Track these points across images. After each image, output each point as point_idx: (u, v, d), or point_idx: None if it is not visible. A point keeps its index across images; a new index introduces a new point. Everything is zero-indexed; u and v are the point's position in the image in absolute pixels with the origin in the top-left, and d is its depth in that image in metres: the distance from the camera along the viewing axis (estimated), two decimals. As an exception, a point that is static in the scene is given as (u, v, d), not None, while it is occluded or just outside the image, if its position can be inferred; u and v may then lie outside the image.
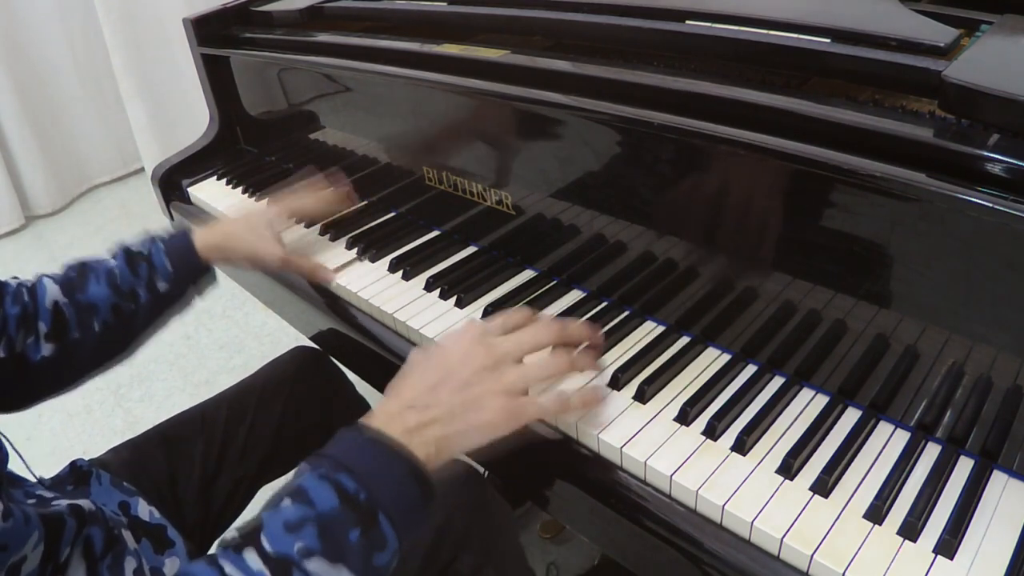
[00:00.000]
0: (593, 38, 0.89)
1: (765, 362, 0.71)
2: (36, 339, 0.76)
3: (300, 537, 0.49)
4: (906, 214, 0.56)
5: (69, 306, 0.78)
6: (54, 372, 0.78)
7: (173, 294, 0.85)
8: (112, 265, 0.82)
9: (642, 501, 0.61)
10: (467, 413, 0.58)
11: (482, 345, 0.61)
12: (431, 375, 0.60)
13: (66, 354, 0.78)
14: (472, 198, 0.92)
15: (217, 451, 0.92)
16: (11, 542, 0.49)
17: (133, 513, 0.72)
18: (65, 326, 0.78)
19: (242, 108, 1.29)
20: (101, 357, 0.83)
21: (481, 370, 0.59)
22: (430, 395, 0.58)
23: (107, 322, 0.80)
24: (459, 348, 0.61)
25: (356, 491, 0.51)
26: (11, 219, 2.73)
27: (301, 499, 0.51)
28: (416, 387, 0.59)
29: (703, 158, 0.67)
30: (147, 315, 0.84)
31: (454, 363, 0.60)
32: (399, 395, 0.59)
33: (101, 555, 0.59)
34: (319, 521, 0.50)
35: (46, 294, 0.77)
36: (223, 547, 0.50)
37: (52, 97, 2.79)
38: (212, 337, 2.07)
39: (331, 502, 0.51)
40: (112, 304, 0.80)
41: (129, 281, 0.82)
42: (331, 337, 0.97)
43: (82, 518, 0.58)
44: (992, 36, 0.66)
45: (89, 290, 0.79)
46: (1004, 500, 0.56)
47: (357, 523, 0.50)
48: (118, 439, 0.91)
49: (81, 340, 0.78)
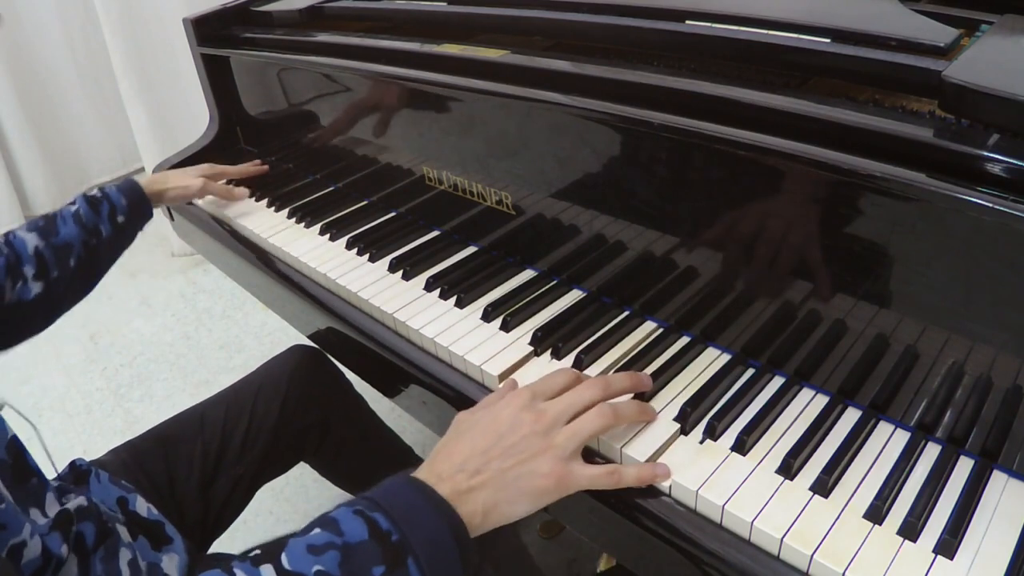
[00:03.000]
0: (593, 38, 0.89)
1: (765, 362, 0.71)
2: (25, 282, 0.86)
3: (320, 561, 0.49)
4: (906, 214, 0.56)
5: (47, 248, 0.88)
6: (42, 309, 0.89)
7: (128, 227, 0.99)
8: (75, 208, 0.94)
9: (642, 501, 0.61)
10: (518, 480, 0.57)
11: (531, 411, 0.60)
12: (482, 440, 0.58)
13: (50, 291, 0.88)
14: (472, 198, 0.92)
15: (216, 450, 0.92)
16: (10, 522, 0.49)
17: (131, 509, 0.72)
18: (46, 266, 0.88)
19: (242, 108, 1.29)
20: (74, 290, 0.93)
21: (531, 436, 0.58)
22: (481, 459, 0.57)
23: (80, 257, 0.91)
24: (509, 413, 0.60)
25: (389, 530, 0.51)
26: (11, 219, 2.72)
27: (330, 527, 0.51)
28: (467, 450, 0.58)
29: (703, 158, 0.67)
30: (108, 248, 0.97)
31: (504, 428, 0.59)
32: (450, 457, 0.58)
33: (93, 548, 0.59)
34: (344, 549, 0.49)
35: (25, 243, 0.87)
36: (242, 559, 0.50)
37: (52, 97, 2.79)
38: (212, 337, 2.07)
39: (360, 535, 0.50)
40: (82, 241, 0.92)
41: (93, 219, 0.94)
42: (330, 336, 0.97)
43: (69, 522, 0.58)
44: (992, 36, 0.66)
45: (61, 232, 0.91)
46: (1004, 500, 0.56)
47: (383, 561, 0.50)
48: (118, 439, 0.91)
49: (60, 277, 0.89)
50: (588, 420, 0.61)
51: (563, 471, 0.58)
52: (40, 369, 2.03)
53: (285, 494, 1.55)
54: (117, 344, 2.10)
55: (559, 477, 0.57)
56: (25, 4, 2.63)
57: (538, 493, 0.57)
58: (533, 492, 0.57)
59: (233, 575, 0.48)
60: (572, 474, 0.58)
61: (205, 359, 1.99)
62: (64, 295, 0.91)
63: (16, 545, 0.50)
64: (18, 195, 2.76)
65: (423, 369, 0.81)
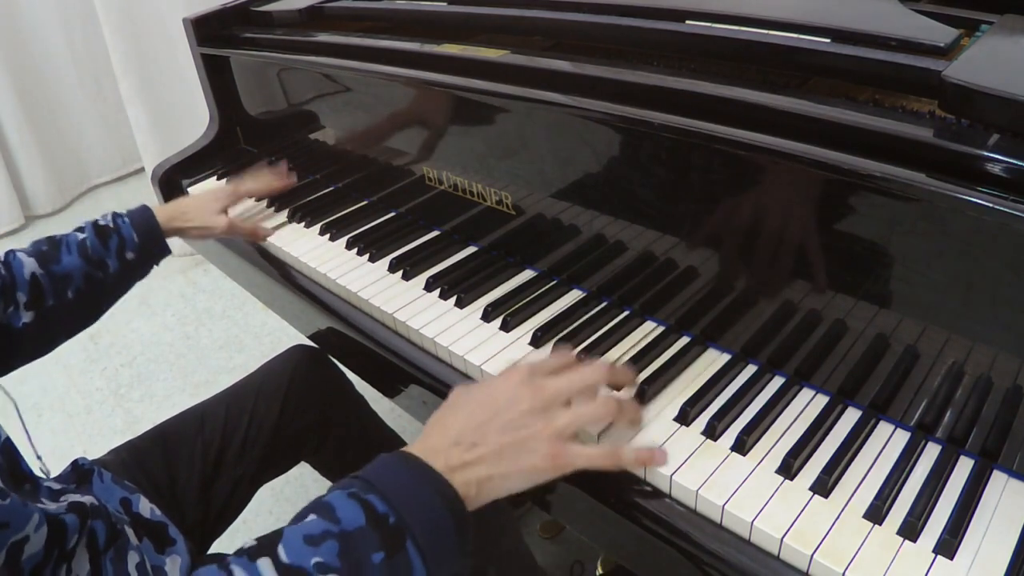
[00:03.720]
0: (593, 38, 0.89)
1: (765, 362, 0.71)
2: (16, 308, 0.82)
3: (319, 552, 0.48)
4: (906, 214, 0.56)
5: (45, 276, 0.84)
6: (32, 338, 0.84)
7: (139, 263, 0.93)
8: (82, 237, 0.89)
9: (642, 501, 0.61)
10: (513, 456, 0.55)
11: (530, 387, 0.59)
12: (478, 413, 0.57)
13: (43, 321, 0.84)
14: (472, 198, 0.92)
15: (216, 450, 0.92)
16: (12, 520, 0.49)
17: (135, 510, 0.72)
18: (42, 295, 0.84)
19: (242, 108, 1.29)
20: (72, 322, 0.89)
21: (529, 412, 0.57)
22: (476, 433, 0.56)
23: (79, 289, 0.86)
24: (506, 388, 0.59)
25: (386, 513, 0.50)
26: (11, 219, 2.73)
27: (326, 515, 0.50)
28: (462, 424, 0.57)
29: (703, 158, 0.67)
30: (115, 283, 0.91)
31: (502, 403, 0.58)
32: (444, 430, 0.57)
33: (104, 548, 0.59)
34: (341, 537, 0.49)
35: (23, 267, 0.83)
36: (238, 553, 0.49)
37: (52, 97, 2.79)
38: (212, 337, 2.07)
39: (357, 521, 0.49)
40: (84, 273, 0.87)
41: (100, 252, 0.89)
42: (330, 336, 0.97)
43: (84, 512, 0.58)
44: (992, 36, 0.66)
45: (63, 261, 0.86)
46: (1004, 500, 0.56)
47: (382, 546, 0.49)
48: (118, 439, 0.91)
49: (55, 307, 0.84)
50: (590, 405, 0.60)
51: (560, 450, 0.56)
52: (40, 369, 2.03)
53: (285, 494, 1.55)
54: (117, 344, 2.10)
55: (556, 455, 0.56)
56: (25, 4, 2.63)
57: (534, 471, 0.56)
58: (529, 469, 0.56)
59: (231, 572, 0.48)
60: (569, 453, 0.57)
61: (205, 359, 1.99)
62: (60, 325, 0.87)
63: (17, 542, 0.50)
64: (18, 195, 2.76)
65: (423, 369, 0.81)
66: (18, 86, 2.67)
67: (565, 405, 0.59)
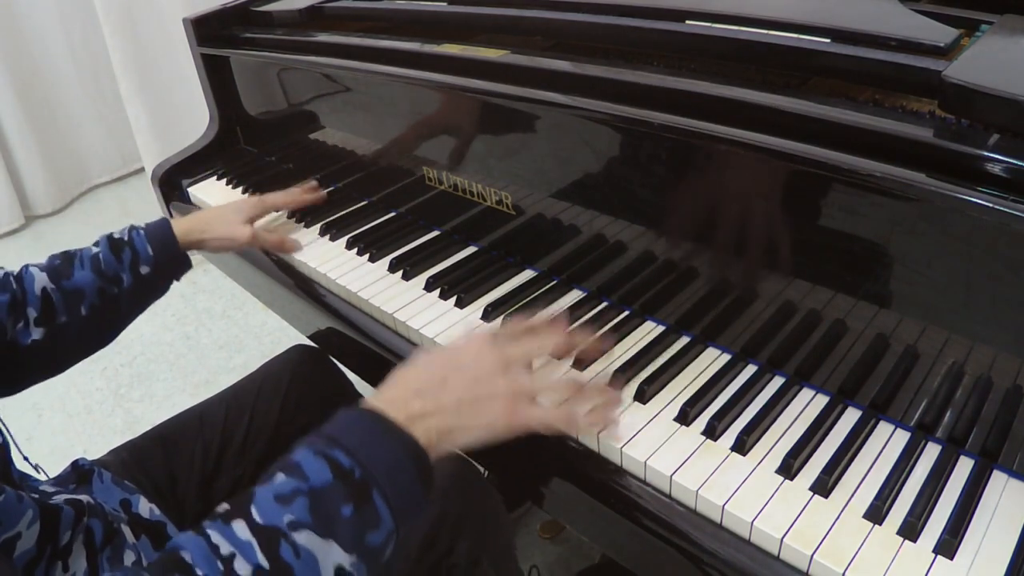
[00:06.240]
0: (593, 38, 0.89)
1: (765, 362, 0.71)
2: (26, 324, 0.79)
3: (290, 510, 0.49)
4: (906, 214, 0.56)
5: (56, 291, 0.81)
6: (43, 355, 0.81)
7: (155, 278, 0.90)
8: (95, 251, 0.86)
9: (642, 501, 0.62)
10: (473, 409, 0.58)
11: (493, 347, 0.61)
12: (440, 368, 0.60)
13: (54, 338, 0.81)
14: (472, 198, 0.92)
15: (216, 451, 0.92)
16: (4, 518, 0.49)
17: (134, 511, 0.73)
18: (53, 311, 0.81)
19: (242, 108, 1.29)
20: (87, 339, 0.86)
21: (491, 371, 0.59)
22: (438, 386, 0.58)
23: (93, 306, 0.83)
24: (470, 348, 0.61)
25: (351, 467, 0.51)
26: (11, 219, 2.72)
27: (294, 473, 0.51)
28: (424, 377, 0.59)
29: (703, 158, 0.67)
30: (130, 299, 0.88)
31: (465, 360, 0.60)
32: (405, 383, 0.59)
33: (101, 546, 0.59)
34: (311, 494, 0.50)
35: (34, 281, 0.80)
36: (212, 517, 0.50)
37: (52, 97, 2.78)
38: (212, 337, 2.07)
39: (324, 476, 0.50)
40: (97, 288, 0.84)
41: (113, 266, 0.85)
42: (330, 336, 0.97)
43: (80, 508, 0.58)
44: (992, 36, 0.66)
45: (75, 276, 0.83)
46: (1004, 500, 0.56)
47: (350, 499, 0.50)
48: (118, 439, 0.91)
49: (68, 324, 0.82)
50: (552, 375, 0.63)
51: (518, 408, 0.59)
52: (40, 369, 2.03)
53: (285, 494, 1.55)
54: (117, 344, 2.08)
55: (513, 415, 0.58)
56: (25, 4, 2.63)
57: (491, 427, 0.58)
58: (487, 425, 0.58)
59: (207, 536, 0.48)
60: (527, 412, 0.59)
61: (205, 359, 1.99)
62: (73, 343, 0.84)
63: (9, 539, 0.50)
64: (18, 195, 2.75)
65: (423, 369, 0.81)
66: (18, 86, 2.67)
67: (527, 368, 0.62)
